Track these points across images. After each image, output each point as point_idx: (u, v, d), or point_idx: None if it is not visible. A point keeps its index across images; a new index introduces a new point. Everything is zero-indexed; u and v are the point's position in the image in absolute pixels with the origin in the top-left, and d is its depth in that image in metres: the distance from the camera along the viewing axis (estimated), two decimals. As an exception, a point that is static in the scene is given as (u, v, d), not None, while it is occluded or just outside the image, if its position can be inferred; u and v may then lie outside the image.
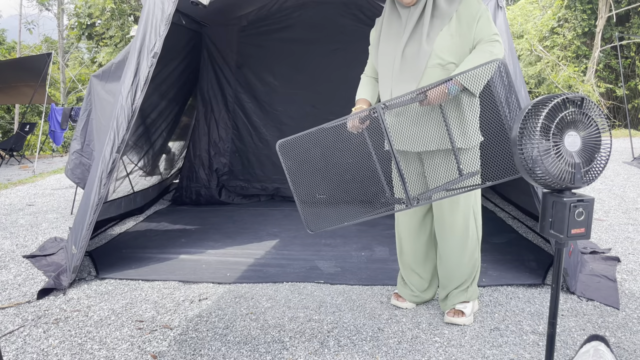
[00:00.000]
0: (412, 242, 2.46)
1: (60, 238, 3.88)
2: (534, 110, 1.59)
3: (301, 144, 1.92)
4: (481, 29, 2.13)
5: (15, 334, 2.32)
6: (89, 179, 3.06)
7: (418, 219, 2.43)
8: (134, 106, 2.91)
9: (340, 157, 1.98)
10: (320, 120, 5.75)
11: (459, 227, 2.29)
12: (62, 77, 18.00)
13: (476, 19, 2.12)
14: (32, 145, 13.46)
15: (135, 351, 2.15)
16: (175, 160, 5.73)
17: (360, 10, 4.93)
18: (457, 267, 2.34)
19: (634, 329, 2.30)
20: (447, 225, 2.31)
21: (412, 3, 2.16)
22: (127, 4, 15.20)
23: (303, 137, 1.90)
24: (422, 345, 2.18)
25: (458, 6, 2.14)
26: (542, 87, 14.81)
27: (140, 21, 2.99)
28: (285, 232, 4.01)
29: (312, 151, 1.94)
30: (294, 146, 1.96)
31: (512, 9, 17.07)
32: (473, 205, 2.31)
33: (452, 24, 2.14)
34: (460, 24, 2.13)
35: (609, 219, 4.31)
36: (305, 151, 1.95)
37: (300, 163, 1.99)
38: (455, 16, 2.14)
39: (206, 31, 5.15)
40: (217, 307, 2.59)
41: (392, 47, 2.23)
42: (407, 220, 2.45)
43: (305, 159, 1.98)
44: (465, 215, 2.28)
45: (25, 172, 8.61)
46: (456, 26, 2.13)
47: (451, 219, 2.29)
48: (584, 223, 1.58)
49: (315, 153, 1.94)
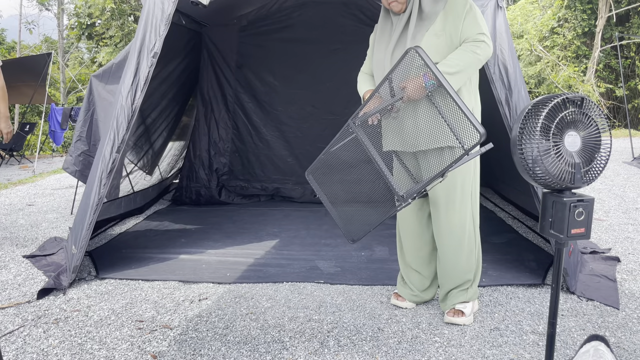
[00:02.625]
0: (413, 241, 2.46)
1: (60, 238, 3.88)
2: (534, 110, 1.59)
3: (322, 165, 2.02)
4: (467, 28, 2.11)
5: (15, 334, 2.32)
6: (89, 179, 3.06)
7: (420, 219, 2.43)
8: (134, 106, 2.91)
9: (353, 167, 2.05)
10: (321, 120, 5.73)
11: (456, 228, 2.29)
12: (62, 77, 18.00)
13: (462, 17, 2.12)
14: (32, 145, 13.47)
15: (135, 351, 2.15)
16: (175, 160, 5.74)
17: (360, 11, 4.93)
18: (454, 268, 2.34)
19: (634, 329, 2.30)
20: (443, 226, 2.32)
21: (402, 10, 2.19)
22: (127, 4, 15.19)
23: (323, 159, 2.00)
24: (422, 345, 2.18)
25: (445, 5, 2.14)
26: (542, 87, 14.81)
27: (140, 21, 2.99)
28: (285, 232, 4.01)
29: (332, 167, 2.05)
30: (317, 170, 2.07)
31: (512, 9, 17.07)
32: (472, 208, 2.30)
33: (438, 23, 2.14)
34: (446, 22, 2.14)
35: (609, 219, 4.31)
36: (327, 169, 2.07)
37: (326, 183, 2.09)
38: (442, 15, 2.14)
39: (206, 31, 5.15)
40: (217, 307, 2.59)
41: (382, 53, 2.27)
42: (409, 219, 2.45)
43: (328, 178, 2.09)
44: (462, 217, 2.28)
45: (25, 172, 8.61)
46: (442, 25, 2.14)
47: (447, 220, 2.29)
48: (584, 223, 1.58)
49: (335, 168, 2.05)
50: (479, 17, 2.15)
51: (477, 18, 2.14)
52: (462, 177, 2.24)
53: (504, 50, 2.83)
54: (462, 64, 2.07)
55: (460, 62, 2.07)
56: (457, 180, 2.24)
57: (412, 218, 2.44)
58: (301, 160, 5.23)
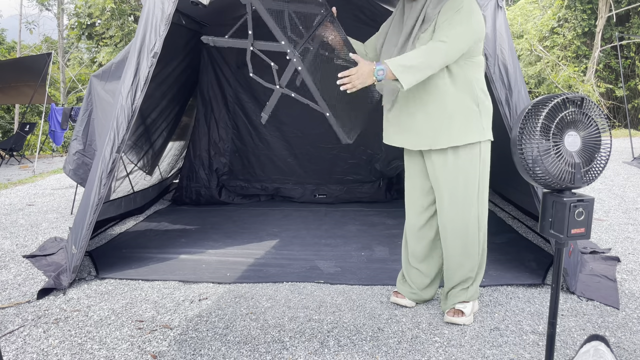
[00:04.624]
0: (417, 239, 2.48)
1: (60, 238, 3.88)
2: (534, 110, 1.59)
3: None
4: (440, 28, 2.10)
5: (15, 334, 2.32)
6: (89, 179, 3.06)
7: (426, 218, 2.44)
8: (134, 106, 2.91)
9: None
10: (321, 120, 5.71)
11: (459, 227, 2.29)
12: (62, 77, 18.00)
13: (443, 19, 2.10)
14: (32, 145, 13.47)
15: (135, 351, 2.15)
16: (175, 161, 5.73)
17: (360, 11, 4.93)
18: (458, 267, 2.35)
19: (634, 328, 2.30)
20: (446, 225, 2.33)
21: None
22: (127, 4, 15.19)
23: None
24: (422, 345, 2.18)
25: (441, 8, 2.13)
26: (542, 87, 14.82)
27: (140, 21, 2.99)
28: (285, 232, 4.01)
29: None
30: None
31: (512, 9, 17.08)
32: (478, 209, 2.30)
33: (431, 26, 2.15)
34: (437, 24, 2.14)
35: (609, 219, 4.31)
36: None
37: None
38: (438, 17, 2.15)
39: (206, 31, 5.14)
40: (217, 307, 2.59)
41: (392, 47, 2.31)
42: (414, 217, 2.47)
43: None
44: (465, 217, 2.28)
45: (25, 172, 8.61)
46: (434, 27, 2.15)
47: (450, 219, 2.30)
48: (584, 223, 1.58)
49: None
50: (458, 23, 2.07)
51: (454, 24, 2.07)
52: (464, 177, 2.24)
53: (504, 50, 2.83)
54: (421, 61, 2.04)
55: (420, 58, 2.04)
56: (459, 180, 2.24)
57: (417, 216, 2.45)
58: (301, 160, 5.23)
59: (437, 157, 2.26)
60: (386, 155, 5.14)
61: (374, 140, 5.18)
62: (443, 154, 2.24)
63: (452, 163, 2.23)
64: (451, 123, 2.19)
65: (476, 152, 2.23)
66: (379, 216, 4.45)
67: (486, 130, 2.24)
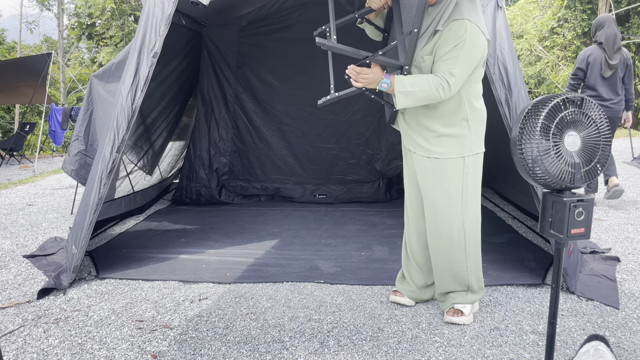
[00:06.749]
0: (417, 237, 2.49)
1: (60, 238, 3.88)
2: (534, 110, 1.59)
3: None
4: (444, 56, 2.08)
5: (15, 334, 2.32)
6: (89, 178, 3.06)
7: (422, 217, 2.44)
8: (134, 106, 2.91)
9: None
10: (321, 120, 5.72)
11: (442, 233, 2.29)
12: (62, 77, 18.01)
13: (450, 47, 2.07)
14: (32, 145, 13.47)
15: (135, 351, 2.16)
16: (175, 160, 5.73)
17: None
18: (445, 272, 2.35)
19: (633, 328, 2.30)
20: (430, 229, 2.34)
21: (433, 2, 2.16)
22: (127, 4, 15.20)
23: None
24: (422, 345, 2.18)
25: (443, 29, 2.10)
26: (542, 87, 14.82)
27: (140, 21, 2.99)
28: (285, 232, 4.01)
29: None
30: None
31: (512, 9, 17.09)
32: (462, 214, 2.26)
33: (429, 45, 2.14)
34: (437, 45, 2.12)
35: (609, 219, 4.31)
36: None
37: None
38: (438, 36, 2.11)
39: (206, 31, 5.15)
40: (217, 307, 2.59)
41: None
42: (413, 216, 2.47)
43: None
44: (448, 222, 2.26)
45: (25, 172, 8.61)
46: (432, 47, 2.13)
47: (433, 224, 2.31)
48: (583, 223, 1.58)
49: None
50: (465, 52, 2.06)
51: (461, 56, 2.06)
52: (446, 185, 2.23)
53: (504, 50, 2.83)
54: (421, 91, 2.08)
55: (423, 88, 2.08)
56: (442, 186, 2.24)
57: (416, 216, 2.45)
58: (301, 160, 5.23)
59: (422, 161, 2.28)
60: (386, 155, 5.15)
61: (374, 141, 5.19)
62: (428, 159, 2.26)
63: (436, 169, 2.24)
64: (439, 141, 2.21)
65: (459, 164, 2.22)
66: (378, 216, 4.45)
67: (474, 145, 2.21)
